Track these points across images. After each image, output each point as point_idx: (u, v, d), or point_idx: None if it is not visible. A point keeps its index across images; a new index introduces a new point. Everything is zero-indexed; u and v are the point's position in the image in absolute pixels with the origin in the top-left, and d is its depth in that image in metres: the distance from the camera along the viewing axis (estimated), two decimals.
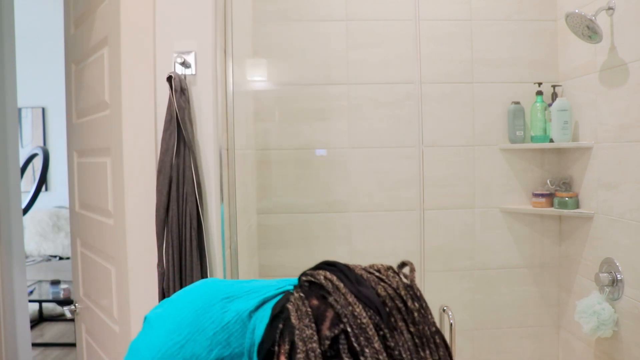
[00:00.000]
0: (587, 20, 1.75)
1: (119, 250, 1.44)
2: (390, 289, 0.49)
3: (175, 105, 1.31)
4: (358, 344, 0.44)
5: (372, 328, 0.45)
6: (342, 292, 0.48)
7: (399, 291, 0.49)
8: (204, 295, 0.61)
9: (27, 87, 4.41)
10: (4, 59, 2.06)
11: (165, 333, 0.58)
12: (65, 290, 4.00)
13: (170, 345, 0.57)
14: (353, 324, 0.46)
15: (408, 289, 0.50)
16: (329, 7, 2.17)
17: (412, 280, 0.52)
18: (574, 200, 2.04)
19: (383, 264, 0.55)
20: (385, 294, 0.48)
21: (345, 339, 0.45)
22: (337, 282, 0.50)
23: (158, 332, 0.59)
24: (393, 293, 0.49)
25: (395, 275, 0.52)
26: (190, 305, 0.60)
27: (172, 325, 0.59)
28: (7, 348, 1.98)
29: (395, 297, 0.48)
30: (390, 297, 0.48)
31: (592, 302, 1.81)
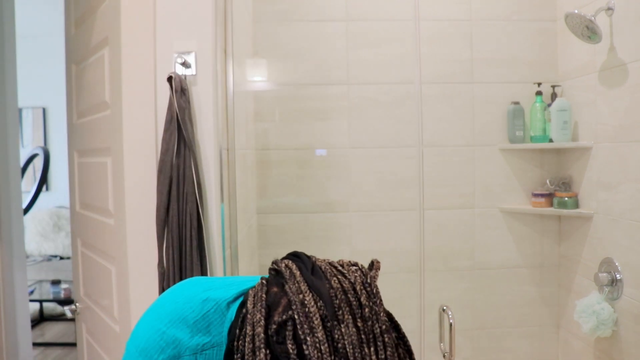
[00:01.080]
0: (587, 20, 1.75)
1: (119, 250, 1.44)
2: (347, 282, 0.49)
3: (175, 105, 1.32)
4: (302, 331, 0.45)
5: (318, 317, 0.46)
6: (296, 280, 0.49)
7: (354, 286, 0.49)
8: (186, 290, 0.63)
9: (27, 87, 4.41)
10: (4, 59, 2.07)
11: (147, 324, 0.60)
12: (65, 290, 4.01)
13: (152, 333, 0.59)
14: (300, 311, 0.46)
15: (365, 285, 0.50)
16: (329, 7, 2.18)
17: (372, 278, 0.52)
18: (574, 200, 2.04)
19: (351, 260, 0.56)
20: (338, 287, 0.49)
21: (292, 326, 0.46)
22: (294, 271, 0.51)
23: (141, 325, 0.61)
24: (348, 287, 0.49)
25: (357, 271, 0.52)
26: (172, 298, 0.62)
27: (154, 316, 0.60)
28: (8, 347, 1.98)
29: (349, 291, 0.48)
30: (343, 291, 0.48)
31: (592, 302, 1.82)
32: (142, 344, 0.60)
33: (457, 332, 1.79)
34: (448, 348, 1.80)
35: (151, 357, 0.58)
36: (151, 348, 0.58)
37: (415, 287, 2.09)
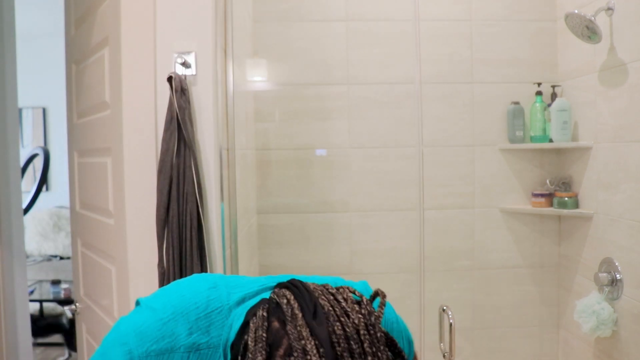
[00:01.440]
0: (587, 20, 1.75)
1: (119, 250, 1.44)
2: (350, 326, 0.48)
3: (175, 105, 1.32)
4: None
5: None
6: (298, 324, 0.48)
7: (358, 329, 0.48)
8: (193, 284, 0.64)
9: (27, 87, 4.41)
10: (4, 58, 2.07)
11: (149, 311, 0.60)
12: (65, 290, 4.00)
13: (152, 321, 0.59)
14: (302, 359, 0.46)
15: (369, 328, 0.49)
16: (329, 7, 2.18)
17: (377, 319, 0.50)
18: (574, 200, 2.04)
19: (353, 294, 0.54)
20: (342, 333, 0.48)
21: None
22: (296, 311, 0.50)
23: (143, 310, 0.61)
24: (351, 332, 0.48)
25: (360, 311, 0.50)
26: (178, 291, 0.63)
27: (157, 305, 0.61)
28: (8, 347, 1.98)
29: (352, 337, 0.47)
30: (346, 338, 0.47)
31: (592, 302, 1.82)
32: (141, 327, 0.59)
33: (457, 332, 1.80)
34: (448, 348, 1.80)
35: (144, 343, 0.58)
36: (148, 334, 0.59)
37: (415, 287, 2.09)
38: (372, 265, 2.20)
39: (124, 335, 0.59)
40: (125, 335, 0.58)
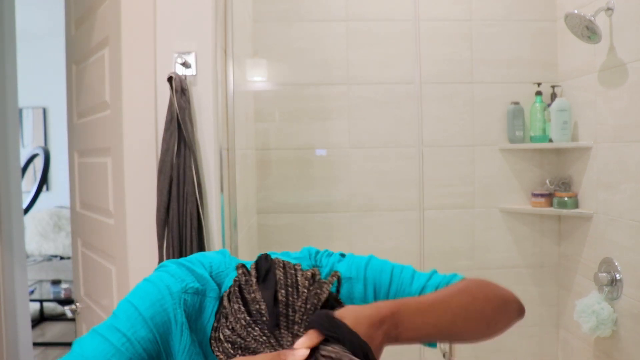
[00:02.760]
0: (587, 20, 1.75)
1: (119, 250, 1.44)
2: (295, 296, 0.57)
3: (175, 105, 1.32)
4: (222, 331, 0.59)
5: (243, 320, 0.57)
6: (252, 288, 0.58)
7: (300, 299, 0.57)
8: (209, 254, 0.75)
9: (28, 87, 4.41)
10: (4, 59, 2.07)
11: (182, 264, 0.71)
12: (66, 290, 4.00)
13: (186, 271, 0.69)
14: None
15: (307, 301, 0.57)
16: (329, 7, 2.18)
17: (318, 294, 0.57)
18: (573, 200, 2.04)
19: (313, 274, 0.61)
20: (283, 300, 0.56)
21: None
22: (252, 278, 0.60)
23: (177, 265, 0.71)
24: (293, 300, 0.57)
25: (307, 286, 0.58)
26: (200, 256, 0.74)
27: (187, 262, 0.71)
28: (8, 347, 1.98)
29: (291, 306, 0.56)
30: (286, 304, 0.56)
31: (591, 302, 1.82)
32: (173, 272, 0.69)
33: None
34: (448, 348, 1.80)
35: (183, 280, 0.67)
36: (183, 276, 0.68)
37: None
38: None
39: (173, 273, 0.68)
40: (174, 274, 0.68)
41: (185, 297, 0.66)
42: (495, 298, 0.72)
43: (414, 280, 0.77)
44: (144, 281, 0.68)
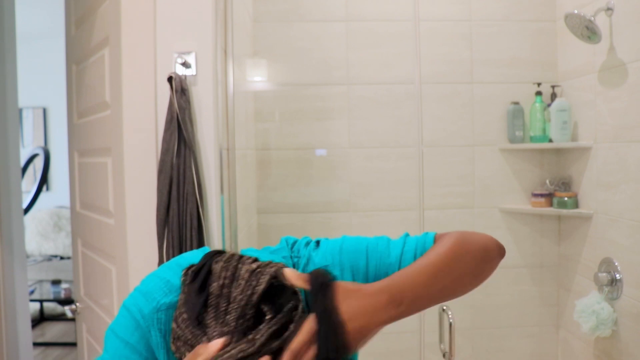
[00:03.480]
0: (586, 20, 1.75)
1: (119, 250, 1.44)
2: (229, 287, 0.60)
3: (175, 105, 1.32)
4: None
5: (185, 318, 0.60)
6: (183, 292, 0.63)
7: (237, 292, 0.59)
8: (198, 254, 0.75)
9: (28, 87, 4.41)
10: (5, 59, 2.07)
11: (154, 276, 0.70)
12: (66, 290, 4.01)
13: (157, 280, 0.69)
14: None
15: (238, 296, 0.59)
16: (329, 7, 2.18)
17: (254, 287, 0.59)
18: (573, 200, 2.04)
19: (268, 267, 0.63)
20: (215, 292, 0.60)
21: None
22: (189, 276, 0.64)
23: (147, 278, 0.71)
24: (227, 292, 0.59)
25: (246, 279, 0.60)
26: (187, 257, 0.74)
27: (162, 269, 0.71)
28: (9, 347, 1.99)
29: (223, 296, 0.59)
30: (217, 296, 0.59)
31: (591, 302, 1.82)
32: (146, 288, 0.67)
33: (457, 332, 1.80)
34: (448, 348, 1.80)
35: (154, 298, 0.66)
36: (155, 292, 0.66)
37: None
38: None
39: (133, 299, 0.68)
40: (134, 299, 0.68)
41: (159, 316, 0.65)
42: (477, 250, 0.74)
43: (391, 251, 0.78)
44: (122, 307, 0.69)
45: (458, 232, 0.77)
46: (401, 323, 2.02)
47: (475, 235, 0.76)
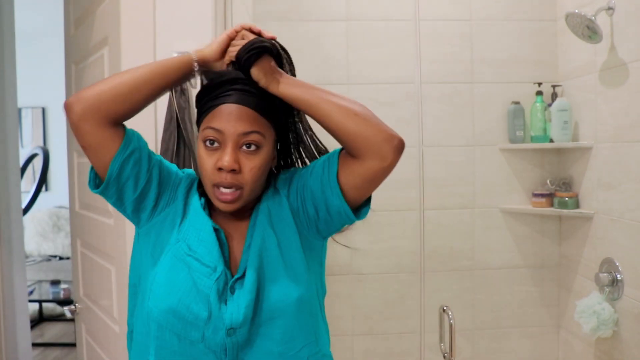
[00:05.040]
0: (587, 20, 1.75)
1: (119, 250, 1.44)
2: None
3: (175, 105, 1.31)
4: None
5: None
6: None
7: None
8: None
9: (27, 87, 4.39)
10: (4, 58, 2.06)
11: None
12: (65, 290, 4.00)
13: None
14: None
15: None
16: (329, 7, 2.17)
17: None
18: (574, 200, 2.04)
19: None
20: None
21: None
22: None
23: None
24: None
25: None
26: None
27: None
28: (8, 348, 1.98)
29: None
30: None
31: (592, 302, 1.81)
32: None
33: (457, 333, 1.79)
34: (448, 348, 1.80)
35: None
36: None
37: (415, 287, 2.08)
38: (372, 265, 2.20)
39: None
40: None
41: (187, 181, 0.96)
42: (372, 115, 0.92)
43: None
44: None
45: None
46: (401, 323, 2.06)
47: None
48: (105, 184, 0.86)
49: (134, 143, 0.87)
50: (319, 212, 0.91)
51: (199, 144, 0.89)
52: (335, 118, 0.88)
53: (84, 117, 0.82)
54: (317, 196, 0.90)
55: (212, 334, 0.83)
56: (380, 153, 0.85)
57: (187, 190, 0.93)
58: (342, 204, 0.89)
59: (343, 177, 0.88)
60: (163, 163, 0.94)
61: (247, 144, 0.86)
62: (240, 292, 0.85)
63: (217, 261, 0.86)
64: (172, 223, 0.90)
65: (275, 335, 0.86)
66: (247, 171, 0.86)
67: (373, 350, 2.21)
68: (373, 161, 0.85)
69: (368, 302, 2.19)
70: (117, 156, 0.85)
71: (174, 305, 0.83)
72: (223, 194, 0.85)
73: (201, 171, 0.88)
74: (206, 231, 0.88)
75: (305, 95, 0.89)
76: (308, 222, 0.92)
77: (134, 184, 0.87)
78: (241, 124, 0.85)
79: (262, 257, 0.88)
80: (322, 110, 0.89)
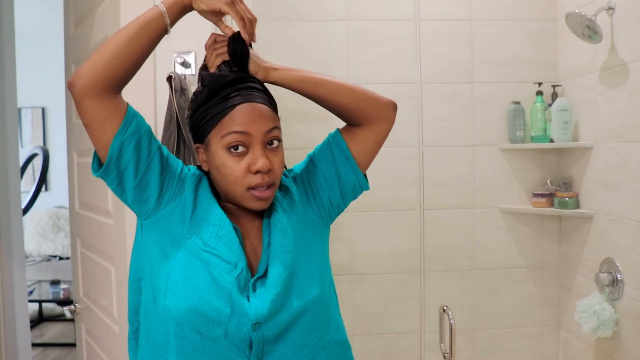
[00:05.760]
0: (587, 20, 1.75)
1: (118, 250, 1.44)
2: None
3: (175, 105, 1.31)
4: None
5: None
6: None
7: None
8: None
9: (27, 87, 4.39)
10: (4, 58, 2.06)
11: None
12: (65, 290, 4.00)
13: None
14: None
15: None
16: (329, 7, 2.17)
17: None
18: (574, 200, 2.04)
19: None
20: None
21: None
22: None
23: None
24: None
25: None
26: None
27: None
28: (7, 348, 1.98)
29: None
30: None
31: (592, 302, 1.81)
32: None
33: (457, 333, 1.79)
34: (448, 348, 1.80)
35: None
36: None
37: (415, 288, 2.08)
38: (372, 265, 2.20)
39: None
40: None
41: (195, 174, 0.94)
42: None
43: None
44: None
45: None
46: (401, 323, 2.06)
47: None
48: (106, 165, 0.85)
49: (134, 124, 0.86)
50: (331, 196, 0.99)
51: (218, 151, 0.87)
52: (342, 94, 0.97)
53: (85, 92, 0.82)
54: (329, 178, 0.98)
55: (236, 329, 0.83)
56: (385, 116, 1.00)
57: (195, 184, 0.92)
58: (357, 175, 0.99)
59: (354, 148, 0.98)
60: (165, 154, 0.92)
61: (270, 140, 0.89)
62: (263, 289, 0.85)
63: (238, 258, 0.86)
64: (181, 216, 0.89)
65: (300, 329, 0.87)
66: (277, 167, 0.89)
67: (373, 350, 2.21)
68: (381, 124, 1.00)
69: (368, 302, 2.19)
70: (117, 135, 0.84)
71: (194, 303, 0.83)
72: (263, 192, 0.87)
73: (228, 178, 0.87)
74: (225, 228, 0.87)
75: (310, 75, 0.98)
76: (320, 209, 0.99)
77: (134, 170, 0.86)
78: (264, 122, 0.87)
79: (284, 254, 0.89)
80: (328, 88, 0.98)
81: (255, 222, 0.94)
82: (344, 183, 0.99)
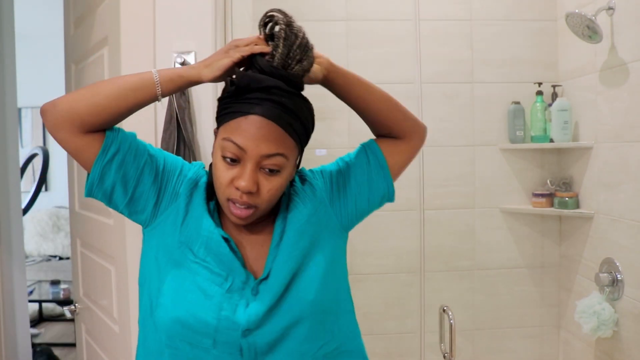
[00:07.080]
0: (587, 20, 1.75)
1: (118, 250, 1.44)
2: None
3: (175, 105, 1.31)
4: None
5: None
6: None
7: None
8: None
9: (27, 87, 4.39)
10: (4, 58, 2.06)
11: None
12: (65, 290, 4.00)
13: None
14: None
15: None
16: (329, 7, 2.17)
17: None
18: (574, 200, 2.04)
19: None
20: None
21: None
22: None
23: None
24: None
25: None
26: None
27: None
28: (7, 348, 1.98)
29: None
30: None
31: (592, 302, 1.81)
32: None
33: (457, 333, 1.79)
34: (448, 348, 1.80)
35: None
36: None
37: (415, 288, 2.08)
38: (372, 265, 2.20)
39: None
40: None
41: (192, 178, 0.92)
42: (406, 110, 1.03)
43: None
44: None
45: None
46: (402, 323, 2.06)
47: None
48: (89, 189, 0.84)
49: (114, 146, 0.83)
50: (358, 201, 1.01)
51: (216, 151, 0.84)
52: (387, 103, 1.01)
53: (57, 127, 0.80)
54: (361, 183, 0.99)
55: (225, 338, 0.82)
56: (419, 133, 1.05)
57: (191, 187, 0.90)
58: (388, 184, 1.02)
59: (390, 158, 1.01)
60: (158, 159, 0.89)
61: (268, 167, 0.82)
62: (263, 294, 0.84)
63: (229, 269, 0.84)
64: (173, 224, 0.88)
65: (298, 336, 0.85)
66: (265, 192, 0.83)
67: (373, 350, 2.20)
68: (416, 140, 1.05)
69: (368, 302, 2.19)
70: (96, 162, 0.82)
71: (180, 316, 0.82)
72: (237, 209, 0.82)
73: (216, 180, 0.84)
74: (214, 239, 0.85)
75: (363, 79, 1.02)
76: (343, 212, 1.00)
77: (122, 188, 0.84)
78: (266, 145, 0.80)
79: (292, 254, 0.87)
80: (376, 95, 1.02)
81: (257, 226, 0.91)
82: (373, 190, 1.01)
